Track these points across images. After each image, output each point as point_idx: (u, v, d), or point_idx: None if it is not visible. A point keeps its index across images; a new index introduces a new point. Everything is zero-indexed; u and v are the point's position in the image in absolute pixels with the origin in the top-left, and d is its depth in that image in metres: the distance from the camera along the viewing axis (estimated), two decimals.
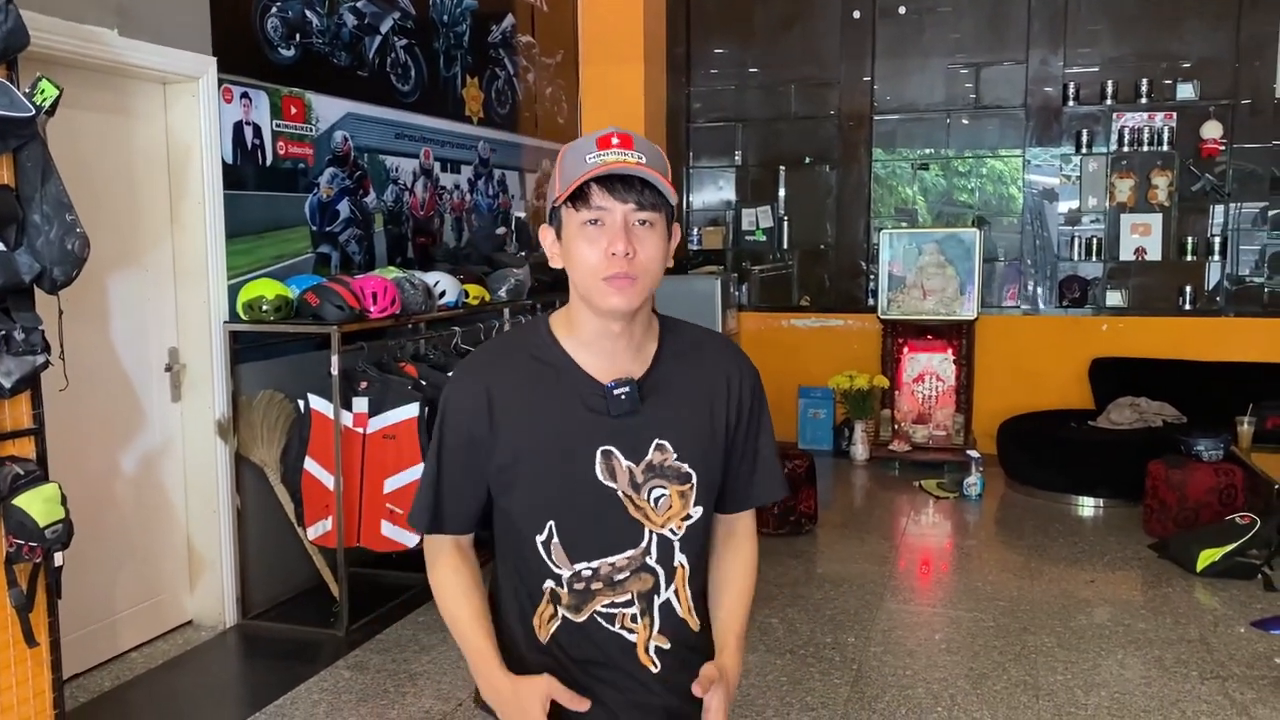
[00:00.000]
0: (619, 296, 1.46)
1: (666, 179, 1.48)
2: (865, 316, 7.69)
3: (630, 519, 1.54)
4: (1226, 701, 3.67)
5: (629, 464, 1.53)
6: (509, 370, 1.58)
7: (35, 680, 3.00)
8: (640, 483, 1.54)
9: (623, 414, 1.51)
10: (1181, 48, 7.15)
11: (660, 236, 1.48)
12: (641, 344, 1.57)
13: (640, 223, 1.46)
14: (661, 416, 1.54)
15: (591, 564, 1.55)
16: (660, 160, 1.50)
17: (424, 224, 5.73)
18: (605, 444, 1.52)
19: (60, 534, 2.88)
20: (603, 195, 1.45)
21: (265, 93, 4.52)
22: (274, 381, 4.54)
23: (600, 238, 1.45)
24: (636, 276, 1.45)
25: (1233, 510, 5.27)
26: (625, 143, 1.47)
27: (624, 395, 1.51)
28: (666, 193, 1.47)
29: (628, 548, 1.55)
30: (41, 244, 2.84)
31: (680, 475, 1.55)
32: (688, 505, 1.56)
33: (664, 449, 1.54)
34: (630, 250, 1.44)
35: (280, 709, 3.68)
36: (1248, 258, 7.17)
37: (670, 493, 1.55)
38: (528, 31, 6.88)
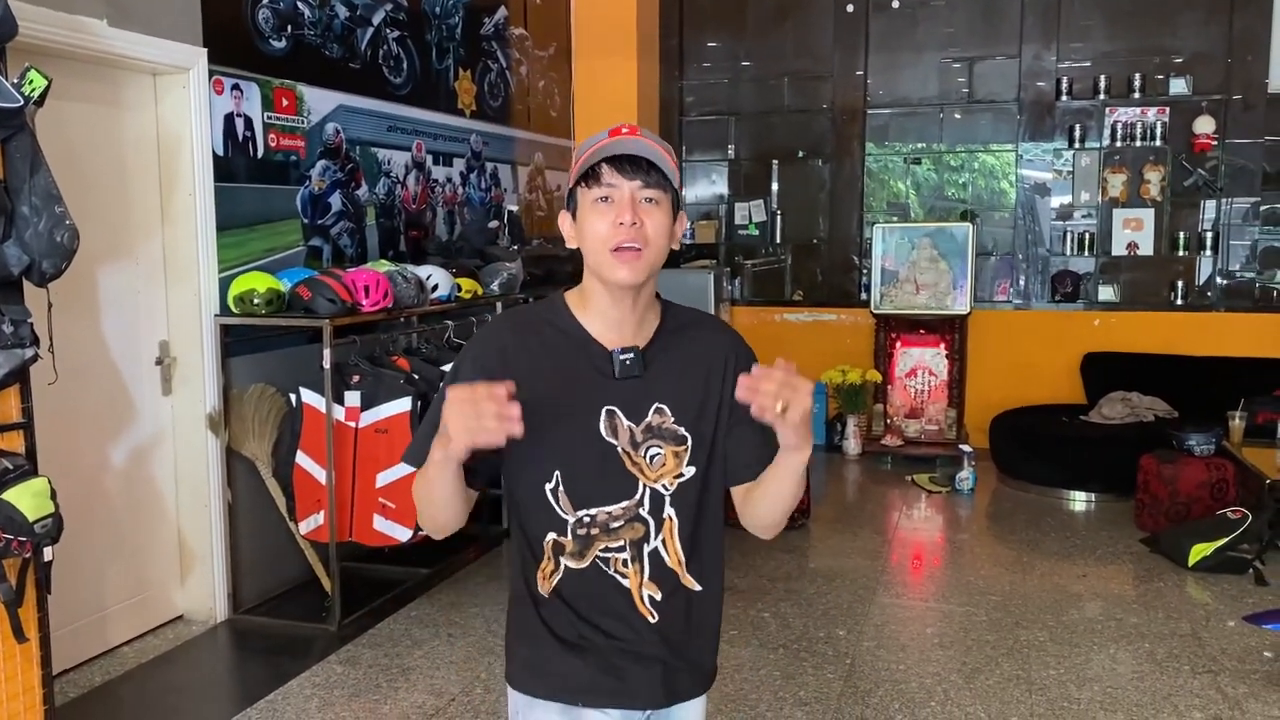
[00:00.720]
0: (625, 269, 1.59)
1: (674, 168, 1.64)
2: (858, 311, 7.69)
3: (627, 472, 1.67)
4: (1219, 696, 3.68)
5: (629, 424, 1.67)
6: (526, 333, 1.72)
7: (25, 676, 2.98)
8: (639, 441, 1.67)
9: (627, 378, 1.65)
10: (1174, 43, 7.15)
11: (665, 214, 1.62)
12: (644, 318, 1.70)
13: (647, 200, 1.61)
14: (661, 383, 1.68)
15: (591, 511, 1.67)
16: (665, 150, 1.65)
17: (416, 217, 5.70)
18: (609, 404, 1.66)
19: (50, 529, 2.86)
20: (612, 174, 1.60)
21: (256, 84, 4.49)
22: (265, 375, 4.52)
23: (609, 212, 1.59)
24: (642, 248, 1.59)
25: (1224, 505, 5.28)
26: (634, 133, 1.64)
27: (629, 360, 1.65)
28: (671, 176, 1.62)
29: (623, 498, 1.68)
30: (30, 236, 2.81)
31: (676, 437, 1.68)
32: (680, 464, 1.69)
33: (663, 412, 1.67)
34: (637, 220, 1.58)
35: (272, 704, 3.66)
36: (1239, 253, 7.18)
37: (665, 452, 1.68)
38: (520, 24, 6.85)
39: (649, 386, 1.67)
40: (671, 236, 1.66)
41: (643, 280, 1.62)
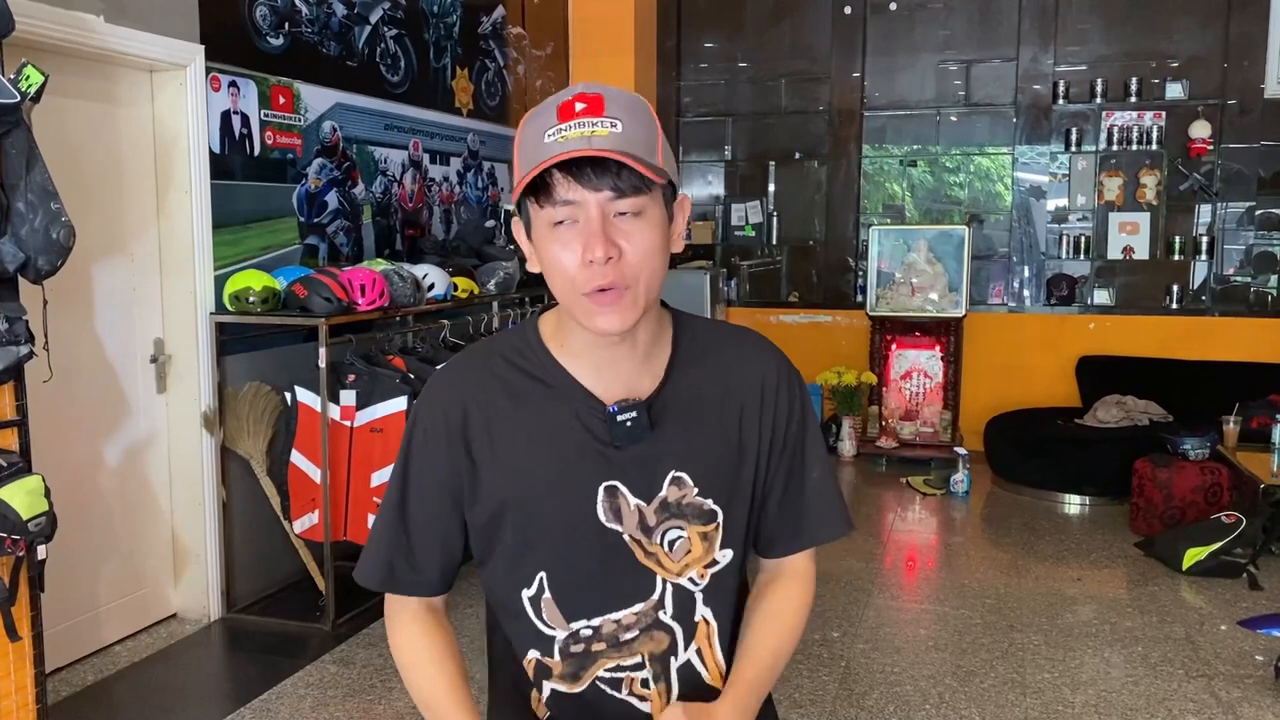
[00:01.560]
0: (608, 316, 1.18)
1: (657, 146, 1.19)
2: (854, 313, 7.69)
3: (639, 567, 1.27)
4: (1213, 700, 3.68)
5: (638, 502, 1.26)
6: (491, 386, 1.29)
7: (17, 674, 2.97)
8: (652, 525, 1.27)
9: (631, 442, 1.24)
10: (1171, 47, 7.16)
11: (653, 225, 1.17)
12: (650, 353, 1.28)
13: (622, 214, 1.16)
14: (679, 443, 1.26)
15: (592, 622, 1.28)
16: (642, 121, 1.18)
17: (412, 216, 5.69)
18: (609, 478, 1.25)
19: (43, 527, 2.84)
20: (569, 185, 1.14)
21: (253, 82, 4.47)
22: (260, 373, 4.51)
23: (574, 240, 1.16)
24: (627, 285, 1.17)
25: (1219, 509, 5.29)
26: (593, 107, 1.15)
27: (630, 422, 1.23)
28: (655, 160, 1.18)
29: (636, 601, 1.28)
30: (26, 233, 2.80)
31: (702, 514, 1.28)
32: (712, 549, 1.29)
33: (682, 483, 1.26)
34: (613, 252, 1.15)
35: (266, 704, 3.65)
36: (1234, 257, 7.20)
37: (689, 534, 1.27)
38: (518, 23, 6.84)
39: (661, 450, 1.25)
40: (669, 244, 1.23)
41: (634, 322, 1.20)
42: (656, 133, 1.19)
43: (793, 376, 1.37)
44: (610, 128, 1.14)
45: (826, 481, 1.39)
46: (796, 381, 1.37)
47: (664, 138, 1.22)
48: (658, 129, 1.20)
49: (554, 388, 1.27)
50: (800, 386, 1.37)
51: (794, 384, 1.36)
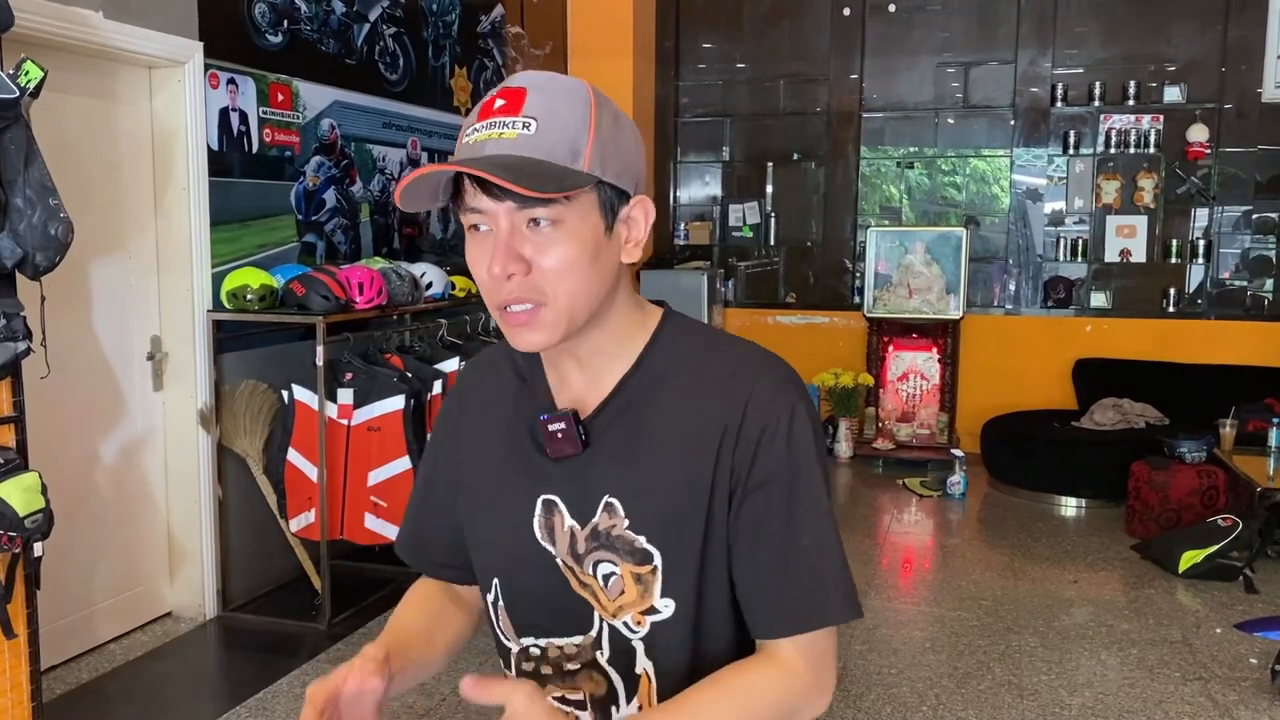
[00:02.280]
0: (521, 334, 1.08)
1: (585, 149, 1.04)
2: (851, 314, 7.69)
3: (575, 596, 1.16)
4: (1209, 703, 3.68)
5: (573, 523, 1.15)
6: (488, 379, 1.27)
7: (13, 671, 2.95)
8: (582, 552, 1.14)
9: (561, 457, 1.14)
10: (1169, 51, 7.17)
11: (572, 236, 1.05)
12: (606, 364, 1.16)
13: (534, 223, 1.04)
14: (616, 467, 1.13)
15: (539, 642, 1.20)
16: (568, 120, 1.04)
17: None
18: (549, 492, 1.16)
19: (40, 524, 2.83)
20: (474, 193, 1.05)
21: (252, 79, 4.46)
22: (257, 371, 4.50)
23: (487, 249, 1.06)
24: (542, 301, 1.06)
25: (1215, 512, 5.29)
26: (510, 105, 1.04)
27: (560, 433, 1.12)
28: (580, 162, 1.04)
29: (576, 632, 1.17)
30: (24, 228, 2.79)
31: (635, 551, 1.12)
32: (649, 595, 1.12)
33: (613, 511, 1.12)
34: (516, 268, 1.04)
35: (261, 703, 3.64)
36: (1230, 261, 7.21)
37: (622, 572, 1.13)
38: (517, 22, 6.83)
39: (599, 471, 1.13)
40: (603, 255, 1.08)
41: (556, 341, 1.09)
42: (588, 130, 1.04)
43: (781, 419, 1.10)
44: (521, 129, 1.03)
45: (823, 554, 1.12)
46: (787, 425, 1.10)
47: (606, 134, 1.06)
48: (591, 126, 1.05)
49: (528, 385, 1.21)
50: (793, 431, 1.10)
51: (779, 428, 1.10)
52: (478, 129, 1.05)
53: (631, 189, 1.10)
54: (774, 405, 1.10)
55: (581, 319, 1.09)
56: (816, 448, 1.12)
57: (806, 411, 1.12)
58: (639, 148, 1.12)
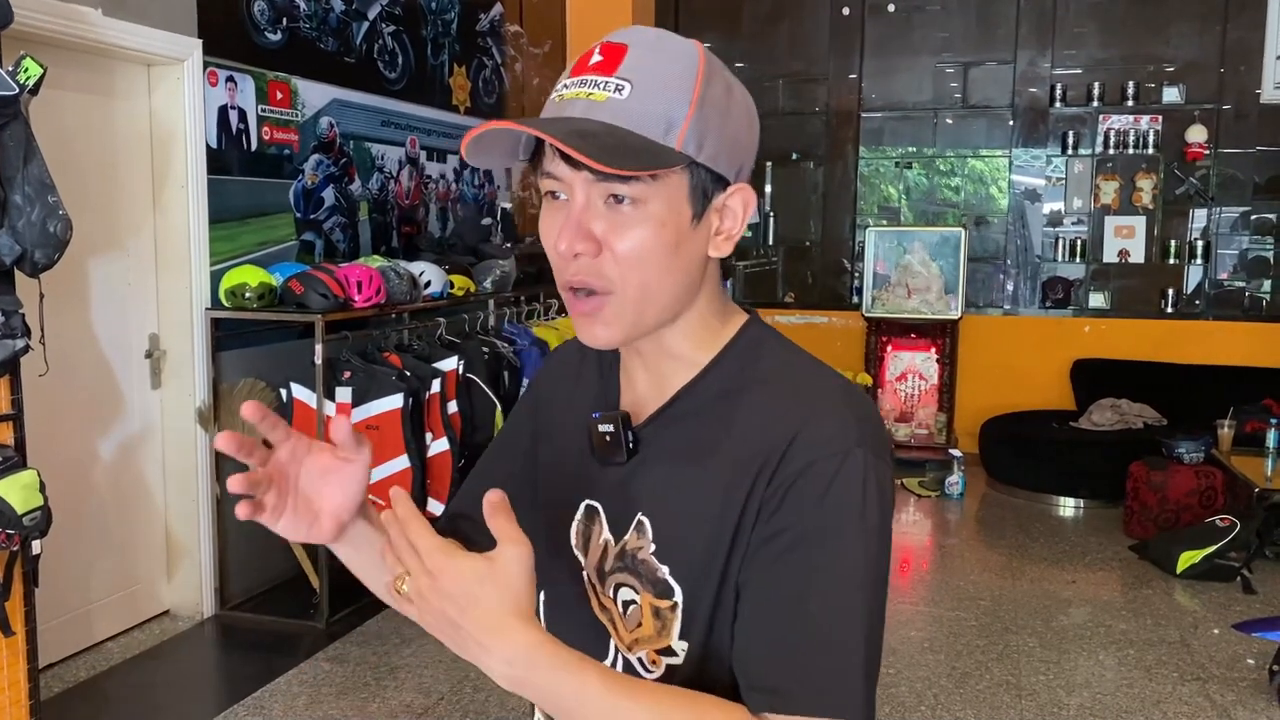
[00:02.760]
0: (587, 326, 0.97)
1: (683, 121, 0.91)
2: (849, 314, 7.69)
3: (595, 618, 1.05)
4: (1207, 703, 3.69)
5: (608, 536, 1.04)
6: (570, 365, 1.17)
7: (10, 670, 2.95)
8: (607, 570, 1.03)
9: (607, 461, 1.04)
10: (1168, 51, 7.18)
11: (655, 221, 0.92)
12: (668, 368, 1.03)
13: (614, 200, 0.92)
14: (656, 484, 1.01)
15: None
16: (668, 86, 0.91)
17: (409, 213, 5.68)
18: (592, 496, 1.06)
19: (38, 521, 2.83)
20: (553, 156, 0.93)
21: (251, 77, 4.46)
22: (255, 370, 4.49)
23: (561, 220, 0.95)
24: (609, 290, 0.94)
25: (1213, 512, 5.30)
26: (608, 61, 0.92)
27: (607, 435, 1.03)
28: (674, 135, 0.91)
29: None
30: (23, 225, 2.79)
31: (656, 581, 0.99)
32: (667, 633, 0.99)
33: (643, 532, 1.01)
34: (584, 248, 0.93)
35: (259, 701, 3.64)
36: (1229, 262, 7.21)
37: (641, 602, 1.00)
38: (516, 21, 6.83)
39: (640, 484, 1.02)
40: (688, 245, 0.96)
41: (622, 339, 0.98)
42: (689, 103, 0.91)
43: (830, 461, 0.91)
44: (612, 92, 0.90)
45: (834, 631, 0.90)
46: (834, 469, 0.91)
47: (711, 110, 0.93)
48: (694, 98, 0.91)
49: (603, 381, 1.11)
50: (839, 478, 0.91)
51: (823, 470, 0.91)
52: (568, 85, 0.93)
53: (731, 175, 0.97)
54: (826, 444, 0.92)
55: (652, 317, 0.97)
56: (865, 506, 0.91)
57: (864, 461, 0.92)
58: (751, 128, 1.00)
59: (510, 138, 0.96)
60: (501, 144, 0.96)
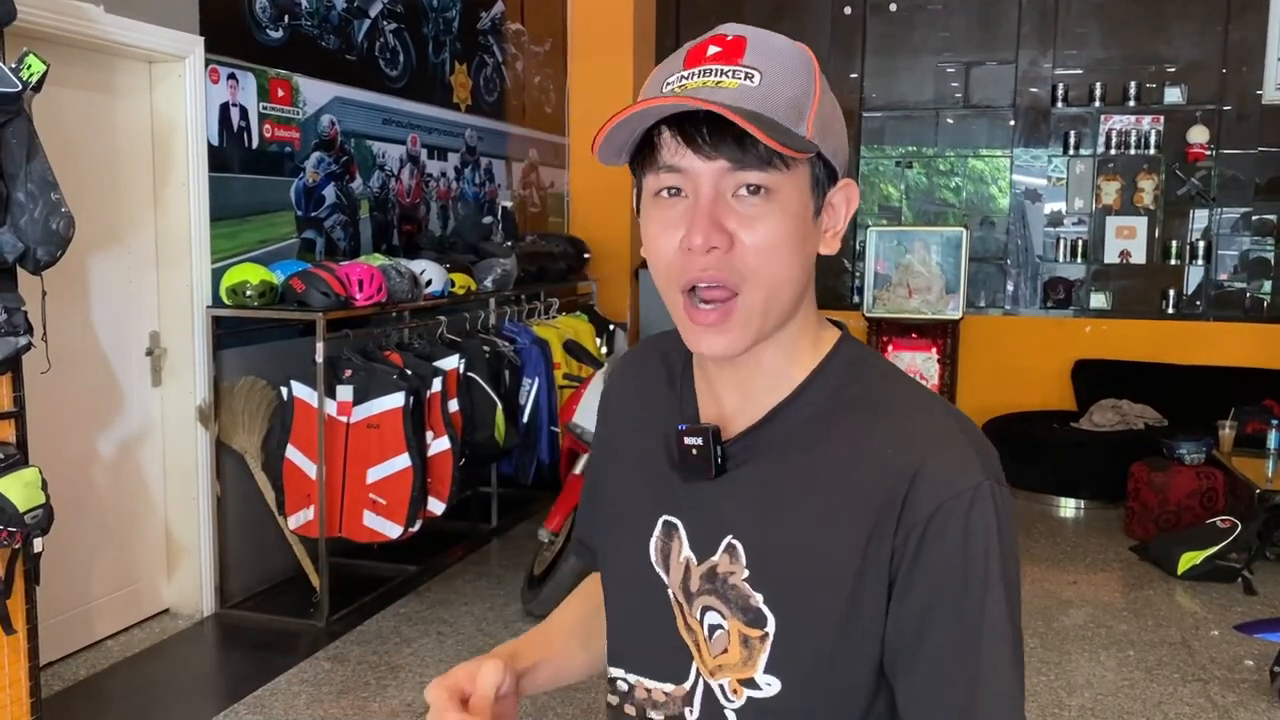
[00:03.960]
0: (708, 337, 0.92)
1: (809, 112, 0.91)
2: (850, 314, 7.65)
3: (679, 638, 1.01)
4: (1208, 704, 3.68)
5: (689, 555, 1.00)
6: (638, 374, 1.13)
7: (11, 667, 2.94)
8: (694, 590, 0.99)
9: (692, 477, 0.99)
10: (1169, 52, 7.17)
11: (786, 212, 0.90)
12: (761, 382, 0.99)
13: (749, 190, 0.89)
14: (749, 505, 0.96)
15: (628, 677, 1.06)
16: (794, 76, 0.91)
17: (410, 211, 5.67)
18: (671, 513, 1.02)
19: (40, 519, 2.82)
20: (677, 148, 0.89)
21: (252, 74, 4.45)
22: (256, 368, 4.48)
23: (677, 219, 0.91)
24: (738, 288, 0.91)
25: (1214, 513, 5.30)
26: (728, 52, 0.91)
27: (695, 449, 0.97)
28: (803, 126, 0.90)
29: (669, 679, 1.02)
30: (25, 223, 2.78)
31: (748, 609, 0.95)
32: (752, 664, 0.95)
33: (735, 555, 0.96)
34: (718, 240, 0.89)
35: (259, 700, 3.63)
36: (1229, 263, 7.21)
37: (729, 628, 0.96)
38: (517, 19, 6.82)
39: (730, 504, 0.97)
40: (810, 242, 0.95)
41: (748, 345, 0.94)
42: (813, 94, 0.91)
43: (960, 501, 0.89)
44: (743, 80, 0.89)
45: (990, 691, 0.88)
46: (965, 509, 0.88)
47: (826, 103, 0.94)
48: (815, 90, 0.92)
49: (677, 394, 1.06)
50: (972, 519, 0.89)
51: (954, 512, 0.88)
52: (687, 76, 0.90)
53: (840, 170, 0.97)
54: (953, 482, 0.89)
55: (775, 317, 0.94)
56: (1002, 545, 0.89)
57: (992, 496, 0.90)
58: (844, 129, 0.99)
59: (626, 131, 0.92)
60: (619, 135, 0.93)
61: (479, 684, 0.99)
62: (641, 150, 0.93)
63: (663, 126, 0.90)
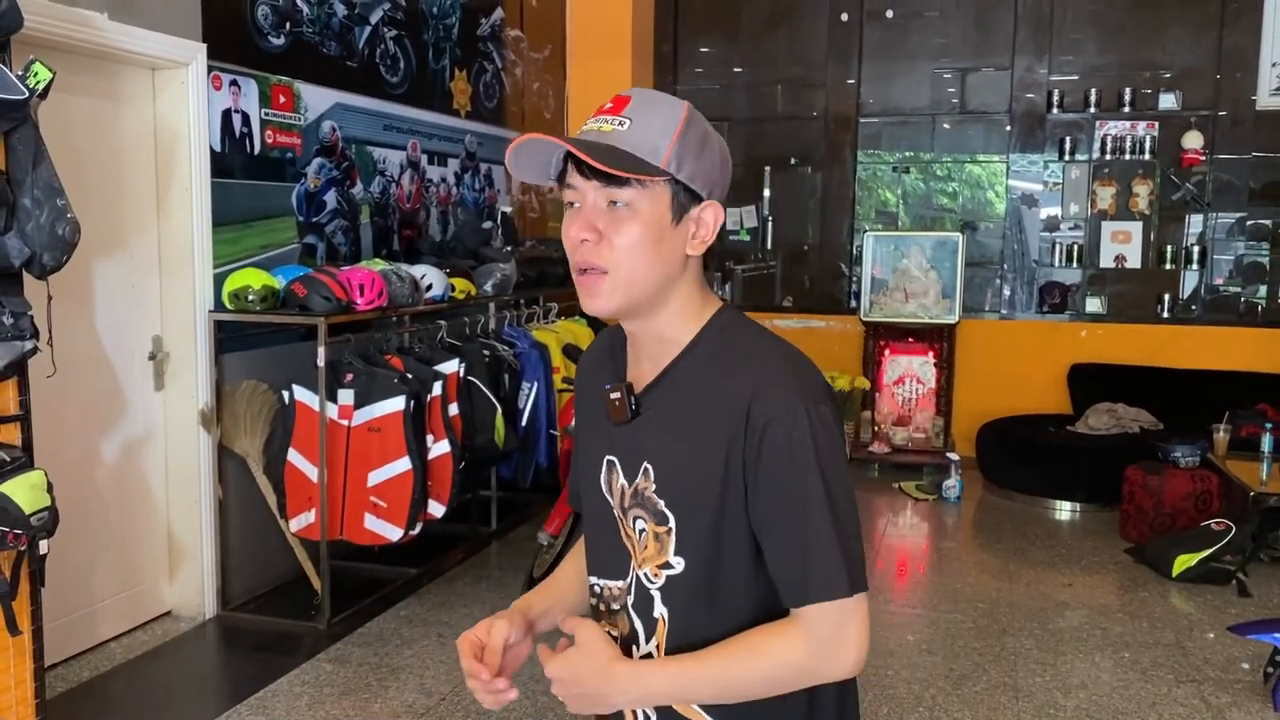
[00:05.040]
0: (589, 297, 1.29)
1: (666, 149, 1.25)
2: (847, 318, 7.72)
3: (621, 544, 1.38)
4: (1202, 705, 3.72)
5: (623, 482, 1.37)
6: (598, 351, 1.51)
7: (17, 669, 2.97)
8: (627, 507, 1.36)
9: (619, 422, 1.36)
10: (1164, 58, 7.22)
11: (642, 220, 1.25)
12: (660, 348, 1.35)
13: (612, 204, 1.26)
14: (654, 437, 1.33)
15: (599, 581, 1.43)
16: (658, 124, 1.26)
17: (410, 216, 5.70)
18: (611, 452, 1.39)
19: (45, 522, 2.85)
20: (573, 172, 1.28)
21: (254, 81, 4.48)
22: (257, 372, 4.51)
23: (573, 221, 1.29)
24: (606, 270, 1.26)
25: (1208, 516, 5.33)
26: (615, 107, 1.28)
27: (617, 400, 1.35)
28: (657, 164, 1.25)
29: (618, 577, 1.39)
30: (31, 228, 2.81)
31: (656, 513, 1.32)
32: (664, 551, 1.32)
33: (647, 475, 1.33)
34: (590, 235, 1.26)
35: (261, 701, 3.66)
36: (1225, 267, 7.25)
37: (649, 530, 1.34)
38: (516, 26, 6.86)
39: (643, 438, 1.34)
40: (667, 243, 1.28)
41: (615, 309, 1.30)
42: (671, 136, 1.26)
43: (784, 419, 1.24)
44: (617, 125, 1.26)
45: (819, 538, 1.24)
46: (788, 425, 1.24)
47: (690, 143, 1.28)
48: (674, 135, 1.26)
49: (615, 363, 1.44)
50: (794, 432, 1.24)
51: (779, 427, 1.24)
52: (589, 124, 1.29)
53: (705, 194, 1.30)
54: (778, 407, 1.24)
55: (639, 293, 1.29)
56: (816, 447, 1.25)
57: (807, 414, 1.25)
58: (724, 166, 1.32)
59: (543, 158, 1.31)
60: (536, 161, 1.31)
61: (490, 638, 1.39)
62: (562, 172, 1.30)
63: (570, 158, 1.27)
